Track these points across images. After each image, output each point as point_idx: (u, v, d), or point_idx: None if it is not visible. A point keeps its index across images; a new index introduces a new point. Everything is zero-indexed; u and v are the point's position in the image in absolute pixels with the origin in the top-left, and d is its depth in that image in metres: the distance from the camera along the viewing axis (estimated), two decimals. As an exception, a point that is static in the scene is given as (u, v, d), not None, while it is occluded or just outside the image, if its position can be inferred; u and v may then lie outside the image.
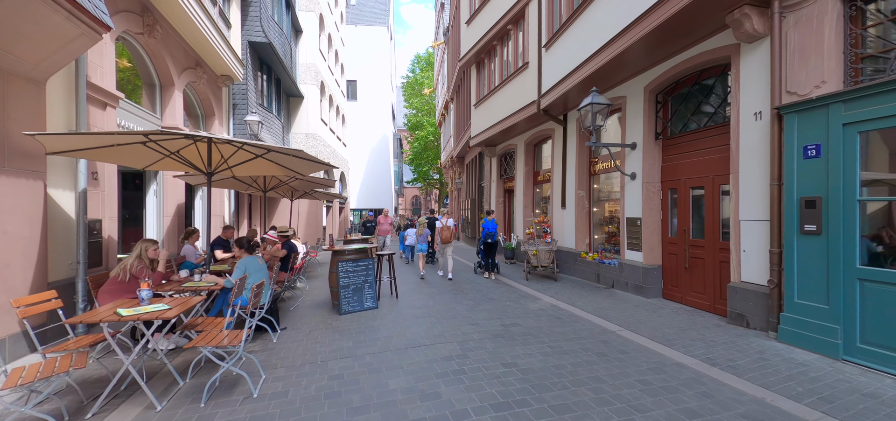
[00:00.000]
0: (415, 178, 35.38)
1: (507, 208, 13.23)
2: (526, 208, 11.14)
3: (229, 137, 4.38)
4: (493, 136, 12.03)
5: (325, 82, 18.45)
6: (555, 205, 9.52)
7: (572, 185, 8.79)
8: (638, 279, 6.71)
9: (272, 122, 13.47)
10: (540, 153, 11.10)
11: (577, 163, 8.63)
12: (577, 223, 8.60)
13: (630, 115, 7.01)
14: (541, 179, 10.73)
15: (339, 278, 5.62)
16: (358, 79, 31.27)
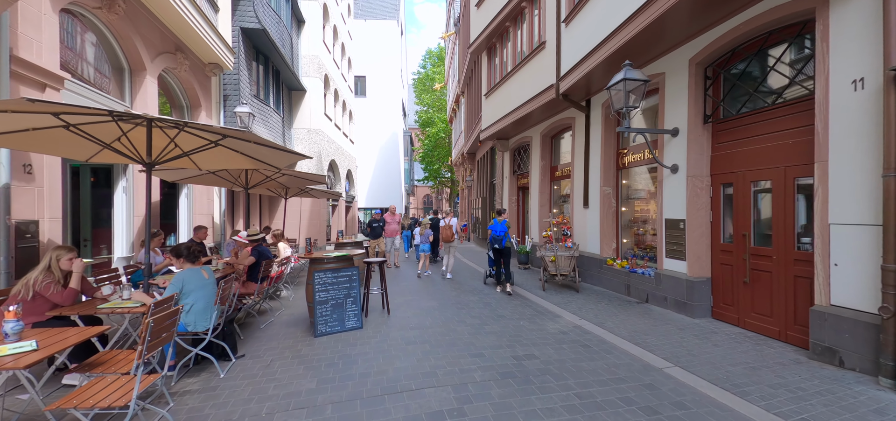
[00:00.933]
0: (426, 176, 34.42)
1: (520, 207, 12.08)
2: (542, 208, 9.98)
3: (161, 116, 3.43)
4: (505, 128, 10.90)
5: (330, 76, 17.63)
6: (576, 204, 8.35)
7: (597, 181, 7.61)
8: (680, 294, 5.52)
9: (269, 115, 12.68)
10: (558, 146, 9.92)
11: (602, 155, 7.44)
12: (603, 225, 7.42)
13: (670, 95, 5.81)
14: (559, 175, 9.56)
15: (316, 292, 4.63)
16: (367, 75, 30.47)
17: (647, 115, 6.74)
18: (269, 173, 7.24)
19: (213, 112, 9.93)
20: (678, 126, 5.64)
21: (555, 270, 7.13)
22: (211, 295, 3.53)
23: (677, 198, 5.63)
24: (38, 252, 4.69)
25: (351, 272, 4.87)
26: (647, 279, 6.19)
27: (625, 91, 5.24)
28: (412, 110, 38.84)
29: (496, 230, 6.96)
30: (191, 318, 3.43)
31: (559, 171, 9.55)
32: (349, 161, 21.62)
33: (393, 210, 10.78)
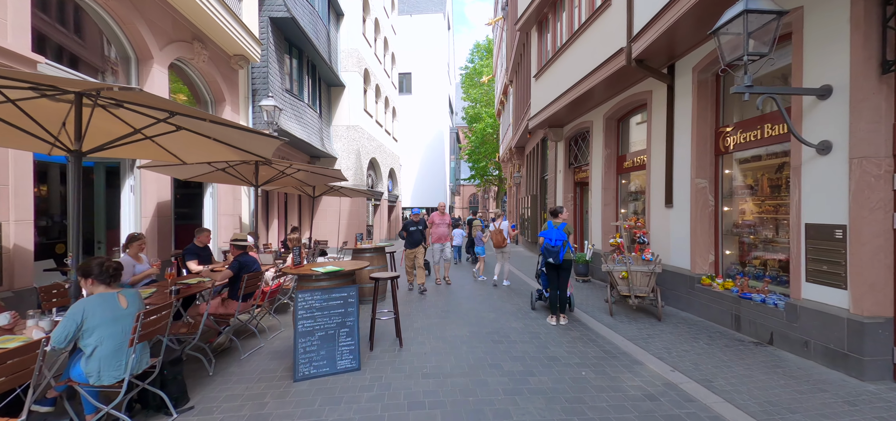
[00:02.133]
0: (472, 174, 33.00)
1: (578, 207, 10.25)
2: (606, 207, 8.14)
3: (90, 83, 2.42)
4: (558, 113, 9.18)
5: (371, 71, 16.93)
6: (653, 202, 6.48)
7: (685, 172, 5.72)
8: (836, 339, 3.60)
9: (303, 111, 12.10)
10: (626, 130, 8.02)
11: (694, 136, 5.55)
12: (695, 231, 5.53)
13: (815, 37, 3.87)
14: (628, 166, 7.68)
15: (298, 321, 3.47)
16: (412, 71, 29.78)
17: (765, 80, 4.76)
18: (281, 168, 6.33)
19: (240, 107, 9.42)
20: (829, 83, 3.71)
21: (627, 290, 5.39)
22: (124, 330, 2.48)
23: (830, 192, 3.70)
24: (0, 259, 4.08)
25: (346, 293, 3.65)
26: (772, 311, 4.27)
27: (744, 32, 3.47)
28: (459, 107, 37.64)
29: (551, 238, 5.24)
30: (94, 365, 2.40)
31: (628, 161, 7.66)
32: (392, 159, 20.91)
33: (442, 209, 8.29)
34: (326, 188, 9.57)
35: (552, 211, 5.49)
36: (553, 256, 5.14)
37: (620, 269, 5.45)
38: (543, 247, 5.27)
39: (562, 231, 5.20)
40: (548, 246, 5.20)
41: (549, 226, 5.37)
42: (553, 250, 5.18)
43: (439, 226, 8.08)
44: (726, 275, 5.33)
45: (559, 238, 5.17)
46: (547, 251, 5.20)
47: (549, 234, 5.25)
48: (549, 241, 5.23)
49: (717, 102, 5.50)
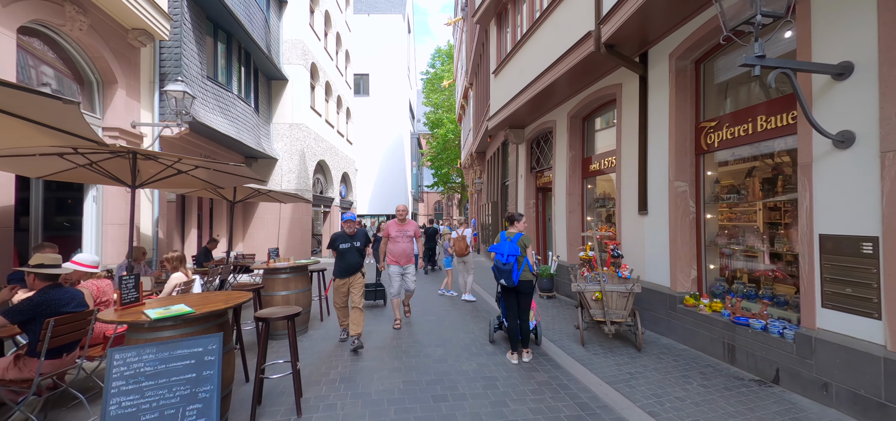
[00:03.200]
0: (435, 181, 31.99)
1: (541, 214, 9.44)
2: (571, 214, 7.33)
3: None
4: (519, 112, 8.33)
5: (320, 65, 15.44)
6: (625, 209, 5.69)
7: (662, 174, 4.94)
8: (869, 384, 2.81)
9: (232, 104, 10.46)
10: (592, 130, 7.28)
11: (673, 132, 4.78)
12: (675, 242, 4.74)
13: (826, 4, 3.15)
14: (596, 170, 6.90)
15: (109, 398, 2.14)
16: (370, 72, 28.41)
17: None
18: (168, 161, 4.85)
19: (141, 92, 7.73)
20: (849, 59, 2.98)
21: (601, 315, 4.47)
22: None
23: (854, 196, 2.94)
24: None
25: (201, 347, 2.36)
26: (777, 342, 3.48)
27: (756, -11, 2.64)
28: (421, 114, 36.67)
29: (502, 252, 4.14)
30: None
31: (595, 163, 6.88)
32: (345, 163, 19.38)
33: (402, 214, 5.78)
34: (251, 192, 8.07)
35: (508, 217, 4.47)
36: (505, 277, 4.09)
37: (593, 289, 4.53)
38: (496, 265, 4.22)
39: (515, 244, 4.15)
40: (498, 264, 4.15)
41: (501, 237, 4.32)
42: (505, 270, 4.11)
43: (398, 240, 5.66)
44: (711, 293, 4.57)
45: (512, 253, 4.11)
46: (498, 271, 4.15)
47: (502, 248, 4.18)
48: (499, 257, 4.16)
49: (697, 94, 4.78)
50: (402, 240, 5.68)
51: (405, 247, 5.68)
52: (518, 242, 4.23)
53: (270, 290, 4.78)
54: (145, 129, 7.82)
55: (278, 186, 13.18)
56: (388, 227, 5.75)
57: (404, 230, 5.71)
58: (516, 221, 4.37)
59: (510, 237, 4.24)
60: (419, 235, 5.99)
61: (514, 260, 4.14)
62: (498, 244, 4.28)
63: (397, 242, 5.64)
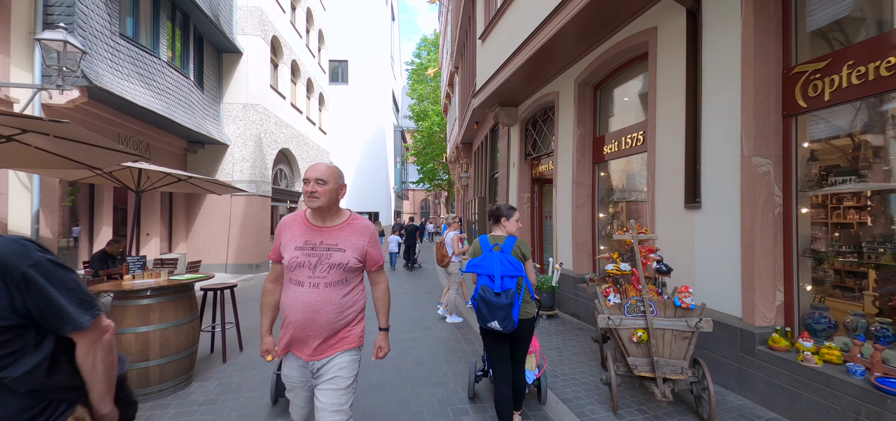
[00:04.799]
0: (421, 178, 30.22)
1: (537, 211, 7.79)
2: (578, 209, 5.68)
3: None
4: (512, 84, 6.67)
5: (283, 40, 13.51)
6: (661, 202, 4.06)
7: (729, 148, 3.31)
8: None
9: (161, 73, 8.51)
10: (607, 100, 5.64)
11: (752, 83, 3.14)
12: (752, 248, 3.10)
13: None
14: (612, 152, 5.26)
15: None
16: (349, 59, 26.47)
17: None
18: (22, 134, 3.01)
19: (12, 43, 5.79)
20: None
21: (646, 365, 2.80)
22: None
23: None
24: None
25: None
26: None
27: None
28: (406, 108, 34.80)
29: (492, 273, 2.45)
30: None
31: (612, 143, 5.24)
32: (317, 154, 17.45)
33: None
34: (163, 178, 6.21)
35: (492, 213, 2.75)
36: (500, 317, 2.38)
37: (634, 325, 2.86)
38: (475, 294, 2.50)
39: (509, 257, 2.48)
40: (485, 295, 2.43)
41: (483, 246, 2.62)
42: (499, 305, 2.39)
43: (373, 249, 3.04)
44: (810, 330, 2.96)
45: (508, 272, 2.44)
46: (486, 307, 2.41)
47: (487, 264, 2.50)
48: (486, 281, 2.47)
49: (787, 23, 3.16)
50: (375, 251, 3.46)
51: (378, 251, 3.45)
52: (513, 251, 2.53)
53: (119, 324, 2.97)
54: (19, 94, 5.89)
55: (230, 178, 11.26)
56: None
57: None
58: (505, 218, 2.66)
59: (499, 245, 2.54)
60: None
61: (513, 285, 2.43)
62: (480, 259, 2.56)
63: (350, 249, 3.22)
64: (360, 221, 1.88)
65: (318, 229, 1.78)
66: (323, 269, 1.71)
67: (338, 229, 1.79)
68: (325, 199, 1.73)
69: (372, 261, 1.86)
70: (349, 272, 1.76)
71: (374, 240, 1.86)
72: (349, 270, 1.75)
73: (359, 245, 1.79)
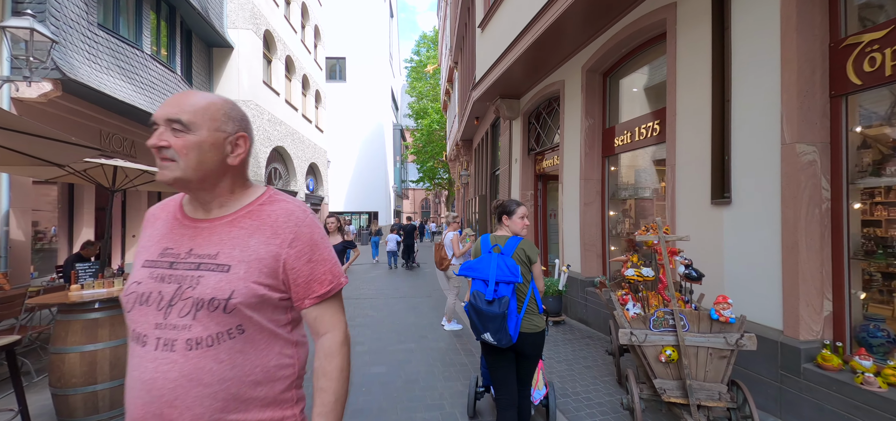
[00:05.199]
0: (421, 177, 29.79)
1: (541, 209, 7.37)
2: (587, 206, 5.25)
3: None
4: (513, 72, 6.24)
5: (277, 35, 13.10)
6: (684, 198, 3.64)
7: (767, 134, 2.89)
8: None
9: (144, 66, 8.10)
10: (617, 88, 5.20)
11: (795, 58, 2.71)
12: (795, 250, 2.68)
13: None
14: (625, 144, 4.82)
15: None
16: (347, 56, 26.06)
17: None
18: None
19: (-26, 32, 5.38)
20: None
21: (677, 389, 2.38)
22: None
23: None
24: None
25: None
26: None
27: None
28: (405, 107, 34.32)
29: (486, 277, 2.08)
30: None
31: (624, 134, 4.81)
32: (313, 152, 17.06)
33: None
34: (140, 176, 5.81)
35: (498, 209, 2.37)
36: (493, 328, 2.02)
37: (662, 342, 2.43)
38: (470, 303, 2.13)
39: (509, 260, 2.11)
40: (477, 301, 2.07)
41: (483, 246, 2.27)
42: (491, 315, 2.02)
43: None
44: (867, 344, 2.53)
45: (504, 276, 2.07)
46: (477, 315, 2.07)
47: (482, 267, 2.15)
48: (479, 285, 2.12)
49: None
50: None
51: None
52: (515, 253, 2.17)
53: (63, 342, 2.56)
54: (-21, 85, 5.48)
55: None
56: None
57: None
58: (510, 215, 2.26)
59: (500, 246, 2.19)
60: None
61: (509, 291, 2.05)
62: (476, 261, 2.20)
63: None
64: (280, 208, 0.94)
65: (191, 226, 0.92)
66: (181, 310, 0.82)
67: (226, 225, 0.91)
68: (189, 164, 0.86)
69: (303, 286, 0.92)
70: (240, 316, 0.84)
71: (310, 242, 0.93)
72: (238, 310, 0.84)
73: (262, 255, 0.88)
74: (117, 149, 8.20)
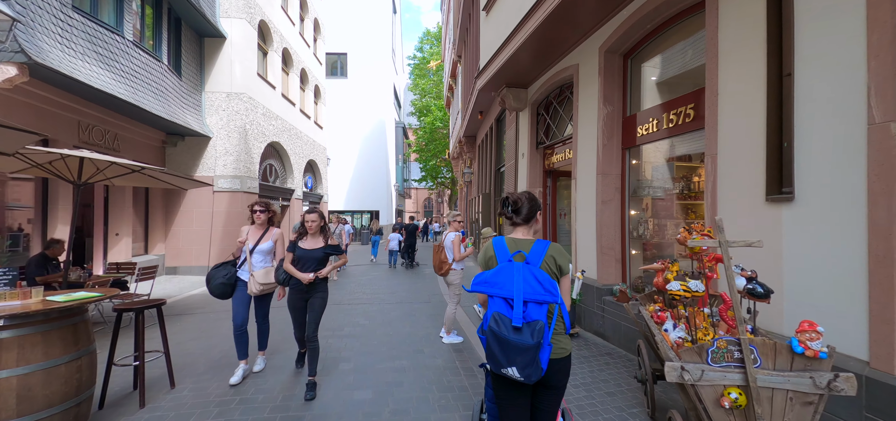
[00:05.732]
0: (423, 176, 29.26)
1: (551, 208, 6.77)
2: (605, 205, 4.65)
3: None
4: (520, 57, 5.66)
5: (273, 25, 12.58)
6: (728, 195, 3.03)
7: (853, 113, 2.29)
8: None
9: (126, 54, 7.59)
10: (639, 71, 4.60)
11: (890, 27, 2.11)
12: (889, 260, 2.08)
13: None
14: (650, 133, 4.22)
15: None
16: (348, 52, 25.56)
17: None
18: None
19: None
20: None
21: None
22: None
23: None
24: None
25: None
26: None
27: None
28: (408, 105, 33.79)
29: (508, 294, 1.54)
30: None
31: (648, 122, 4.21)
32: (311, 149, 16.54)
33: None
34: (109, 168, 5.26)
35: (509, 204, 1.86)
36: (521, 361, 1.49)
37: (722, 381, 1.84)
38: (484, 323, 1.60)
39: (537, 271, 1.59)
40: (497, 323, 1.53)
41: (497, 250, 1.75)
42: (519, 345, 1.49)
43: None
44: None
45: (534, 293, 1.54)
46: (498, 343, 1.52)
47: (502, 280, 1.60)
48: (498, 302, 1.58)
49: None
50: None
51: None
52: (543, 263, 1.67)
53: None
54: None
55: (212, 173, 10.36)
56: None
57: None
58: (527, 214, 1.79)
59: (523, 253, 1.68)
60: None
61: (543, 314, 1.55)
62: (492, 273, 1.65)
63: None
64: None
65: None
66: None
67: None
68: None
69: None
70: None
71: None
72: None
73: None
74: (98, 142, 7.71)
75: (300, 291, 3.22)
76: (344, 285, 8.61)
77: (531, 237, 1.79)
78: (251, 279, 3.31)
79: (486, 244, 1.91)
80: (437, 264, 4.65)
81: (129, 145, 8.55)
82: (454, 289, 4.59)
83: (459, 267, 4.60)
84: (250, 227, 3.54)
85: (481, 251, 1.91)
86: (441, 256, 4.62)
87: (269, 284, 3.38)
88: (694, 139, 3.68)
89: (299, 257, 3.22)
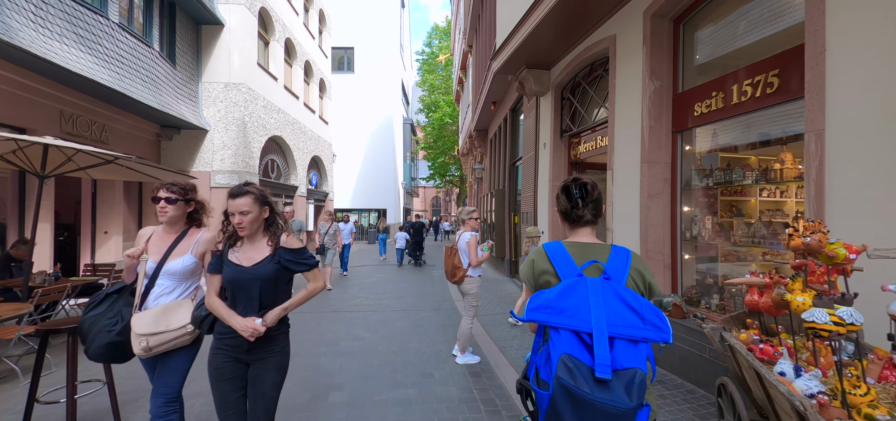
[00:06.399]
0: (432, 174, 28.61)
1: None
2: (651, 200, 3.88)
3: None
4: (542, 32, 4.90)
5: (274, 14, 11.98)
6: (842, 191, 2.26)
7: None
8: None
9: (113, 38, 7.01)
10: (694, 37, 3.81)
11: None
12: None
13: None
14: (708, 112, 3.43)
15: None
16: (355, 46, 24.97)
17: None
18: None
19: None
20: None
21: None
22: None
23: None
24: None
25: None
26: None
27: None
28: (416, 102, 33.05)
29: (571, 322, 0.94)
30: None
31: (714, 98, 3.42)
32: (316, 145, 15.95)
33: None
34: (100, 161, 4.68)
35: (578, 187, 1.25)
36: None
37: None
38: (542, 370, 0.98)
39: (627, 292, 0.98)
40: (568, 370, 0.89)
41: (554, 260, 1.12)
42: (608, 408, 0.84)
43: None
44: None
45: (623, 326, 0.93)
46: (569, 403, 0.86)
47: (572, 305, 0.98)
48: (569, 338, 0.93)
49: None
50: None
51: None
52: (628, 280, 1.04)
53: None
54: None
55: (209, 167, 9.80)
56: None
57: None
58: (596, 207, 1.23)
59: (600, 264, 1.07)
60: None
61: (642, 359, 0.91)
62: (556, 295, 1.00)
63: None
64: None
65: None
66: None
67: None
68: None
69: None
70: None
71: None
72: None
73: None
74: (83, 133, 7.15)
75: (234, 350, 1.73)
76: (346, 288, 7.95)
77: (606, 244, 1.17)
78: (132, 331, 1.85)
79: (535, 251, 1.22)
80: (449, 271, 3.92)
81: (120, 138, 8.00)
82: (470, 299, 3.86)
83: (476, 273, 3.87)
84: (155, 230, 2.05)
85: (526, 262, 1.24)
86: (454, 261, 3.89)
87: (173, 333, 1.85)
88: (777, 116, 2.91)
89: (231, 281, 1.73)
